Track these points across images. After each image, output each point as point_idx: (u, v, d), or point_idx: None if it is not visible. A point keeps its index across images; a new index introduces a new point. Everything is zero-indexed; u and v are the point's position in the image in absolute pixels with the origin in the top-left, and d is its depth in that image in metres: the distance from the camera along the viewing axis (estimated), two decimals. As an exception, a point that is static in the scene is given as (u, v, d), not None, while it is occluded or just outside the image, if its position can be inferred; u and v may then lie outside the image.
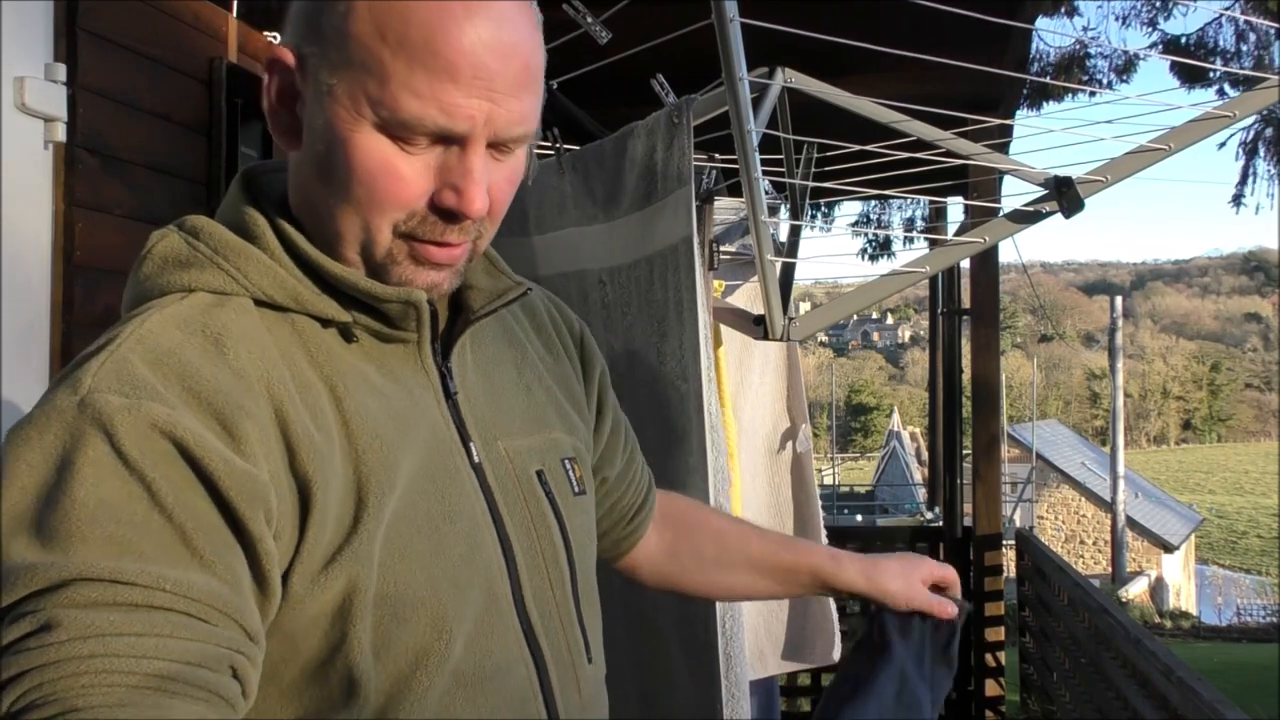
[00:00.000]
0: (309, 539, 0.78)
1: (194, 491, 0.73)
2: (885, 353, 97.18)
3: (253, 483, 0.75)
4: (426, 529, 0.84)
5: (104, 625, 0.67)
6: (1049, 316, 77.77)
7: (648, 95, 2.26)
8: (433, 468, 0.87)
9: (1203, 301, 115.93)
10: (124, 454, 0.71)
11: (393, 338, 0.88)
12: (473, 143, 0.82)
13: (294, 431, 0.78)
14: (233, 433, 0.75)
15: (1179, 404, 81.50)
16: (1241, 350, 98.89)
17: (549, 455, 0.99)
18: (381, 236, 0.83)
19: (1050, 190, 2.07)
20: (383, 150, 0.81)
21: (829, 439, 43.06)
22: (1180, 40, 7.72)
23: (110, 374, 0.74)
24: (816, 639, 2.76)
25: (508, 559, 0.91)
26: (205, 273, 0.84)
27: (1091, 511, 29.54)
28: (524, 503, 0.94)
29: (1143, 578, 23.44)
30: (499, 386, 0.98)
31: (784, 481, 2.80)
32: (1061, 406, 71.62)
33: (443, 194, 0.82)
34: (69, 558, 0.68)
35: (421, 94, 0.79)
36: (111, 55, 2.13)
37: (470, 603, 0.86)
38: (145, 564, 0.70)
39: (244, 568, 0.74)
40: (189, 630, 0.70)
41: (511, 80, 0.81)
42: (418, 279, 0.85)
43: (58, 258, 1.99)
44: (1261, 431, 79.98)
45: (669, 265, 2.08)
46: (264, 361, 0.80)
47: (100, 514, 0.70)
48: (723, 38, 1.88)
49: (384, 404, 0.86)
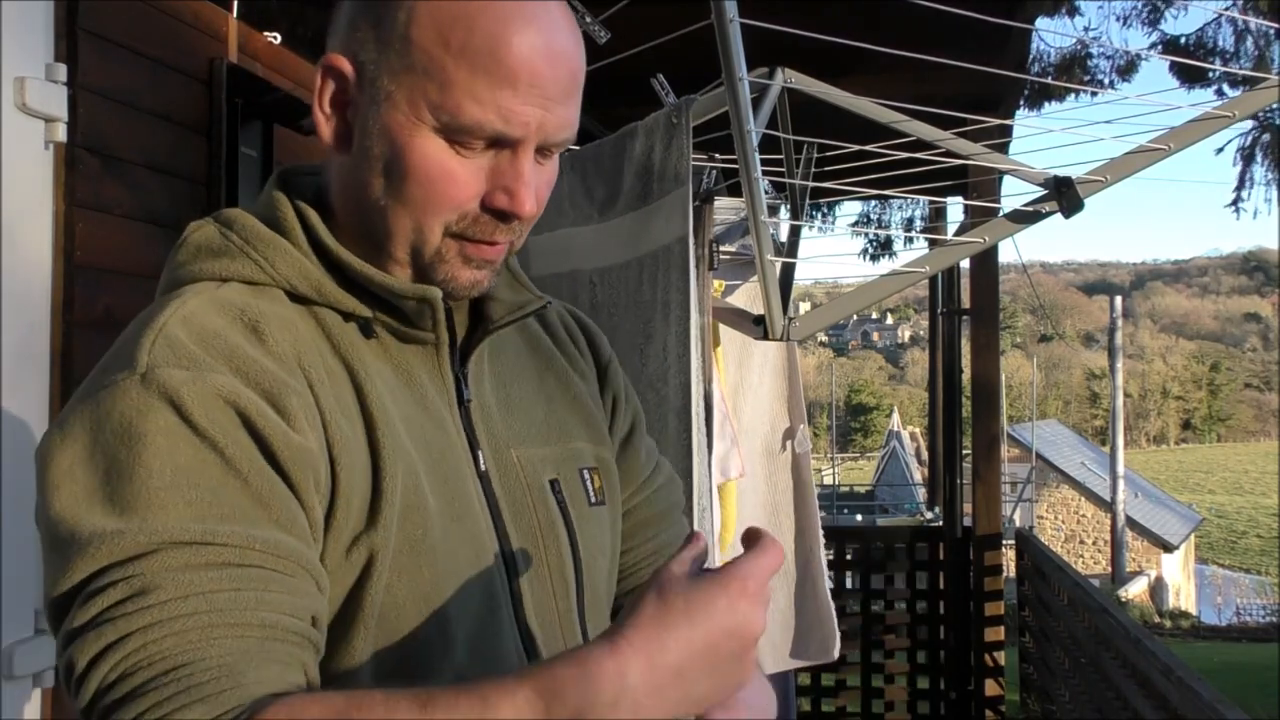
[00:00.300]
0: (337, 519, 0.80)
1: (260, 457, 0.76)
2: (885, 353, 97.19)
3: (307, 454, 0.78)
4: (437, 528, 0.85)
5: (203, 583, 0.70)
6: (1049, 316, 77.78)
7: (648, 95, 2.26)
8: (443, 469, 0.88)
9: (1202, 301, 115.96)
10: (194, 422, 0.74)
11: (411, 337, 0.90)
12: (524, 147, 0.85)
13: (326, 415, 0.81)
14: (282, 408, 0.78)
15: (1179, 404, 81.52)
16: (1241, 350, 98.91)
17: (566, 464, 0.99)
18: (433, 236, 0.86)
19: (1050, 190, 2.07)
20: (440, 154, 0.84)
21: (829, 439, 43.06)
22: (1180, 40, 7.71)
23: (165, 350, 0.77)
24: (812, 636, 2.76)
25: (509, 568, 0.91)
26: (236, 261, 0.86)
27: (1091, 511, 29.54)
28: (532, 511, 0.94)
29: (1142, 577, 23.43)
30: (517, 395, 0.99)
31: (783, 482, 2.80)
32: (1061, 406, 71.62)
33: (495, 196, 0.85)
34: (151, 523, 0.70)
35: (482, 100, 0.82)
36: (112, 55, 2.13)
37: (473, 606, 0.87)
38: (231, 525, 0.72)
39: (309, 529, 0.78)
40: (281, 585, 0.73)
41: (562, 87, 0.85)
42: (462, 276, 0.88)
43: (58, 258, 1.99)
44: (1261, 431, 80.00)
45: (660, 266, 2.08)
46: (298, 348, 0.83)
47: (179, 480, 0.72)
48: (723, 38, 1.88)
49: (397, 402, 0.87)
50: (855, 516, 23.14)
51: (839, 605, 5.31)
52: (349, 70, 0.86)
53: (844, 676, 5.25)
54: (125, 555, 0.69)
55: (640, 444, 1.12)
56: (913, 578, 5.27)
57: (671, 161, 2.07)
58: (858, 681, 5.24)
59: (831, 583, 5.41)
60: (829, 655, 2.75)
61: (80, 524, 0.71)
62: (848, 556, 5.35)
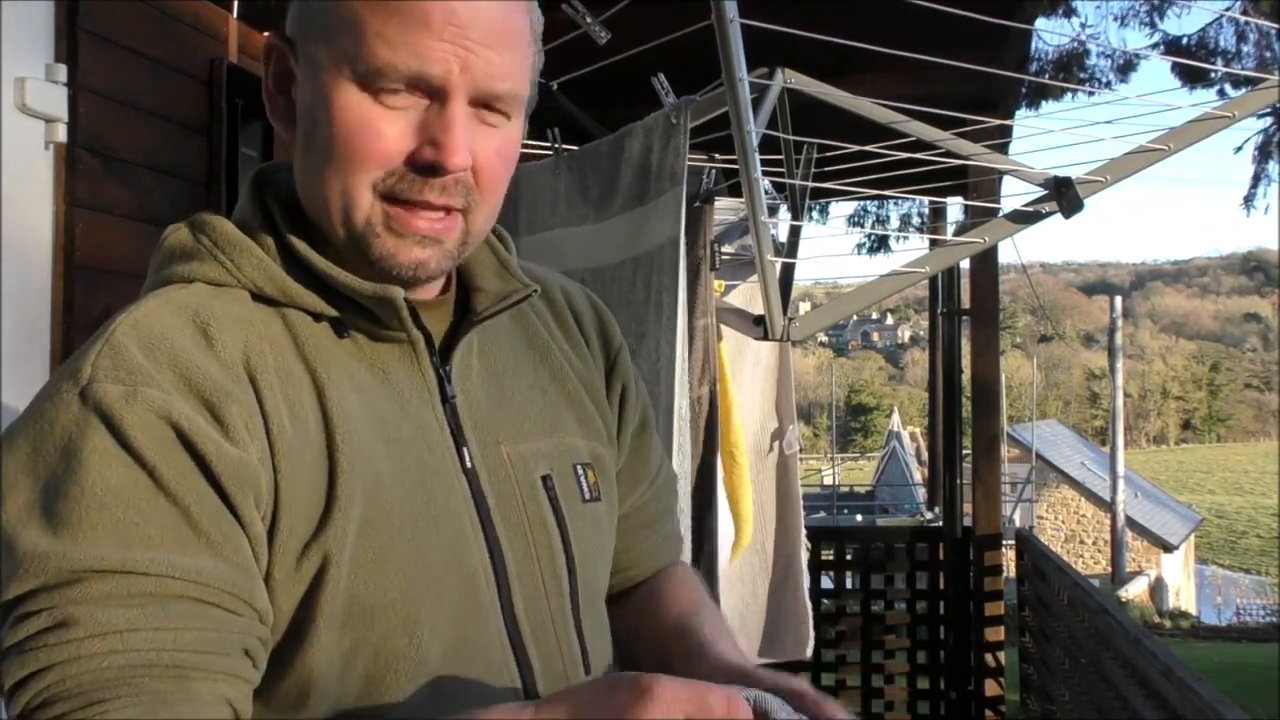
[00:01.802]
0: (281, 528, 0.79)
1: (195, 475, 0.75)
2: (885, 353, 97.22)
3: (244, 467, 0.76)
4: (406, 531, 0.83)
5: (120, 621, 0.70)
6: (1049, 316, 77.78)
7: (647, 95, 2.26)
8: (419, 470, 0.86)
9: (1202, 301, 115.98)
10: (126, 441, 0.73)
11: (384, 337, 0.88)
12: (452, 95, 0.81)
13: (270, 421, 0.80)
14: (221, 418, 0.77)
15: (1178, 404, 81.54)
16: (1241, 350, 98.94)
17: (559, 459, 0.96)
18: (360, 198, 0.83)
19: (1050, 190, 2.07)
20: (361, 106, 0.81)
21: (829, 439, 43.04)
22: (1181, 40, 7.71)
23: (107, 361, 0.77)
24: (788, 634, 2.77)
25: (496, 566, 0.89)
26: (204, 264, 0.86)
27: (1091, 511, 29.54)
28: (521, 509, 0.92)
29: (1142, 578, 23.42)
30: (510, 389, 0.97)
31: (769, 481, 2.81)
32: (1061, 406, 71.64)
33: (422, 149, 0.82)
34: (79, 546, 0.71)
35: (394, 42, 0.80)
36: (112, 55, 2.13)
37: (449, 608, 0.85)
38: (154, 551, 0.72)
39: (248, 548, 0.77)
40: (202, 619, 0.72)
41: (486, 30, 0.82)
42: (400, 254, 0.84)
43: (58, 258, 1.99)
44: (1261, 431, 80.00)
45: (654, 266, 2.08)
46: (248, 351, 0.82)
47: (108, 500, 0.72)
48: (723, 38, 1.88)
49: (366, 402, 0.85)
50: (855, 517, 23.14)
51: (839, 605, 5.35)
52: (285, 47, 0.87)
53: (844, 676, 5.25)
54: (50, 581, 0.70)
55: (653, 437, 1.10)
56: (913, 578, 5.27)
57: (669, 161, 2.07)
58: (858, 681, 5.24)
59: (831, 582, 5.44)
60: (802, 653, 2.78)
61: (17, 538, 0.72)
62: (848, 556, 5.35)
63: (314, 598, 0.79)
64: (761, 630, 2.76)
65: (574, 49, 2.15)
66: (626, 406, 1.06)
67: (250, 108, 2.54)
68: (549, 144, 2.53)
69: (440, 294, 0.94)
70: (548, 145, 2.53)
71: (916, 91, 2.70)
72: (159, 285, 0.86)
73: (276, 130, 0.91)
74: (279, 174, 0.93)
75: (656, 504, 1.11)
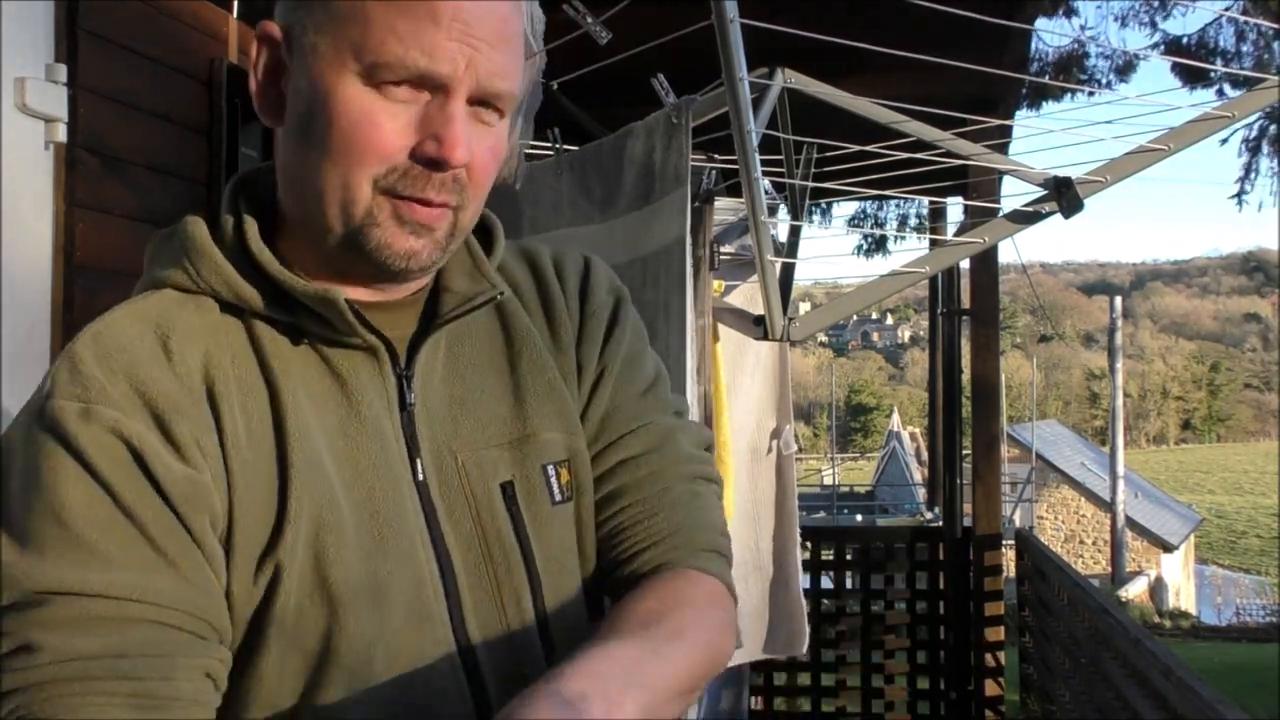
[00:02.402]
0: (237, 542, 0.79)
1: (150, 494, 0.76)
2: (885, 353, 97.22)
3: (194, 486, 0.77)
4: (353, 543, 0.83)
5: (82, 647, 0.72)
6: (1049, 316, 77.79)
7: (648, 95, 2.26)
8: (370, 481, 0.85)
9: (1202, 301, 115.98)
10: (83, 459, 0.74)
11: (342, 342, 0.86)
12: (454, 92, 0.81)
13: (226, 435, 0.80)
14: (173, 436, 0.77)
15: (1178, 404, 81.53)
16: (1241, 350, 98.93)
17: (526, 462, 0.93)
18: (361, 193, 0.82)
19: (1050, 190, 2.07)
20: (364, 100, 0.80)
21: (829, 439, 43.03)
22: (1181, 40, 7.72)
23: (65, 375, 0.78)
24: (782, 631, 2.78)
25: (446, 579, 0.88)
26: (172, 270, 0.86)
27: (1091, 511, 29.54)
28: (473, 520, 0.90)
29: (1142, 578, 23.42)
30: (477, 389, 0.93)
31: (765, 481, 2.82)
32: (1061, 406, 71.64)
33: (424, 144, 0.81)
34: (42, 566, 0.72)
35: (404, 36, 0.79)
36: (112, 55, 2.13)
37: (395, 621, 0.84)
38: (114, 572, 0.73)
39: (207, 568, 0.77)
40: (160, 644, 0.74)
41: (490, 30, 0.82)
42: (396, 243, 0.83)
43: (58, 258, 1.99)
44: (1261, 431, 80.00)
45: (661, 267, 2.08)
46: (208, 363, 0.82)
47: (65, 518, 0.73)
48: (723, 38, 1.88)
49: (321, 412, 0.85)
50: (855, 516, 23.15)
51: (839, 605, 5.35)
52: (278, 35, 0.85)
53: (844, 676, 5.25)
54: (17, 599, 0.72)
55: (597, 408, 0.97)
56: (913, 578, 5.27)
57: (672, 162, 2.07)
58: (858, 681, 5.24)
59: (831, 582, 5.44)
60: (796, 649, 2.78)
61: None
62: (848, 556, 5.35)
63: (267, 609, 0.80)
64: (756, 628, 2.76)
65: (574, 49, 2.15)
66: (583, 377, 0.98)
67: (250, 108, 2.54)
68: (550, 144, 2.53)
69: (412, 293, 0.91)
70: (548, 145, 2.53)
71: (916, 91, 2.70)
72: (144, 288, 0.87)
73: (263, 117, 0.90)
74: (262, 176, 0.93)
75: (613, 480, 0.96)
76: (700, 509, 0.98)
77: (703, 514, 0.98)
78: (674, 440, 0.99)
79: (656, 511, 0.96)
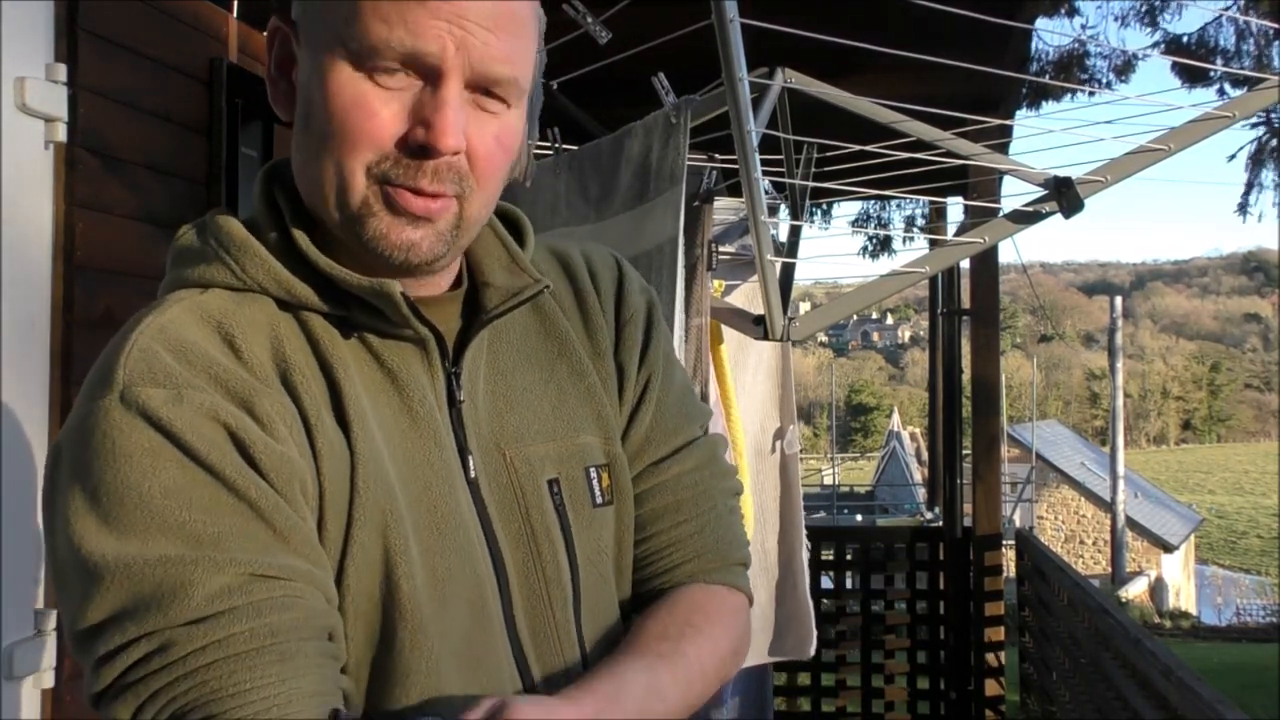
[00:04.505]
0: (328, 528, 0.79)
1: (252, 473, 0.75)
2: (885, 353, 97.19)
3: (292, 465, 0.77)
4: (414, 538, 0.82)
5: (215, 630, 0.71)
6: (1049, 316, 77.78)
7: (647, 95, 2.26)
8: (426, 477, 0.85)
9: (1202, 302, 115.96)
10: (180, 442, 0.73)
11: (394, 335, 0.86)
12: (447, 76, 0.79)
13: (311, 422, 0.80)
14: (261, 419, 0.77)
15: (1179, 404, 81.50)
16: (1241, 350, 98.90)
17: (570, 462, 0.93)
18: (355, 180, 0.81)
19: (1050, 190, 2.07)
20: (356, 85, 0.80)
21: (829, 439, 43.03)
22: (1181, 40, 7.71)
23: (142, 366, 0.76)
24: (789, 633, 2.77)
25: (499, 575, 0.88)
26: (213, 267, 0.85)
27: (1091, 511, 29.54)
28: (523, 517, 0.90)
29: (1142, 578, 23.42)
30: (520, 388, 0.93)
31: (770, 482, 2.81)
32: (1061, 406, 71.62)
33: (414, 130, 0.80)
34: (150, 549, 0.71)
35: (389, 18, 0.78)
36: (112, 55, 2.13)
37: (459, 617, 0.84)
38: (225, 550, 0.72)
39: (315, 539, 0.77)
40: (291, 609, 0.74)
41: (485, 11, 0.79)
42: (393, 234, 0.81)
43: (58, 258, 1.99)
44: (1261, 431, 79.99)
45: (653, 266, 2.08)
46: (276, 356, 0.82)
47: (169, 503, 0.72)
48: (723, 38, 1.88)
49: (377, 406, 0.85)
50: (855, 516, 23.16)
51: (839, 605, 5.35)
52: (286, 29, 0.85)
53: (844, 676, 5.25)
54: (135, 596, 0.71)
55: (645, 416, 0.99)
56: (913, 578, 5.27)
57: (668, 161, 2.07)
58: (858, 681, 5.24)
59: (831, 582, 5.44)
60: (804, 653, 2.77)
61: (83, 550, 0.72)
62: (848, 556, 5.35)
63: (342, 599, 0.80)
64: (763, 630, 2.76)
65: (574, 49, 2.15)
66: (625, 385, 0.99)
67: (250, 107, 2.54)
68: (549, 144, 2.53)
69: (450, 290, 0.91)
70: (548, 145, 2.53)
71: (916, 91, 2.70)
72: (174, 286, 0.86)
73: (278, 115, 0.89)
74: (289, 168, 0.91)
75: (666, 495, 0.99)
76: (735, 523, 1.02)
77: (737, 528, 1.02)
78: (718, 456, 1.03)
79: (703, 527, 0.99)
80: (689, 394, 1.05)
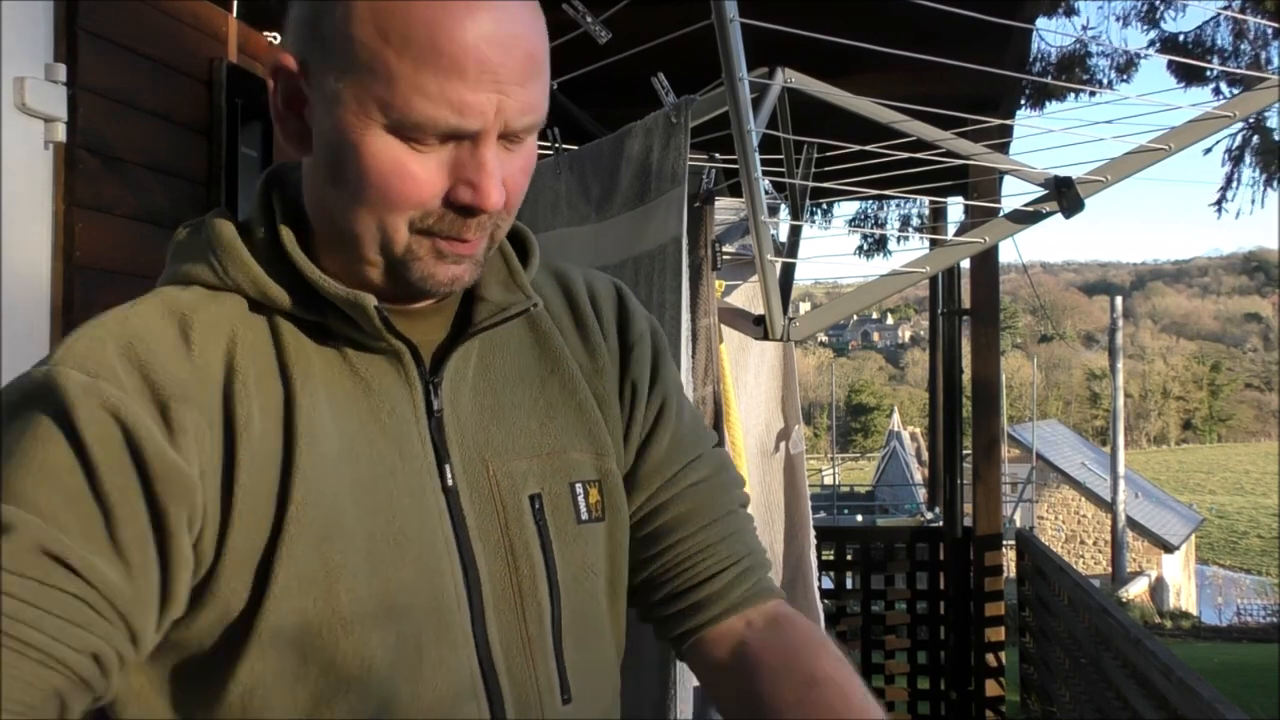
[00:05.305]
0: (235, 539, 0.79)
1: (132, 482, 0.76)
2: (885, 353, 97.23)
3: (182, 478, 0.77)
4: (363, 550, 0.82)
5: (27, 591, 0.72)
6: (1049, 316, 77.78)
7: (647, 95, 2.26)
8: (387, 486, 0.85)
9: (1203, 301, 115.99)
10: (74, 429, 0.75)
11: (369, 345, 0.86)
12: (485, 137, 0.80)
13: (239, 432, 0.80)
14: (173, 426, 0.78)
15: (1179, 404, 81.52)
16: (1241, 350, 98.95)
17: (554, 478, 0.93)
18: (399, 235, 0.82)
19: (1050, 190, 2.07)
20: (393, 151, 0.80)
21: (829, 439, 43.05)
22: (1179, 39, 7.72)
23: (82, 350, 0.79)
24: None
25: (470, 588, 0.87)
26: (198, 265, 0.86)
27: (1091, 511, 29.55)
28: (502, 529, 0.89)
29: (1143, 578, 23.44)
30: (509, 402, 0.93)
31: (776, 482, 2.80)
32: (1061, 406, 71.66)
33: (458, 190, 0.81)
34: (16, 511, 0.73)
35: (431, 94, 0.77)
36: (111, 55, 2.13)
37: (410, 630, 0.84)
38: (66, 540, 0.74)
39: (155, 563, 0.77)
40: (68, 611, 0.74)
41: (516, 70, 0.80)
42: (439, 273, 0.84)
43: (58, 258, 1.99)
44: (1261, 431, 80.00)
45: (656, 266, 2.08)
46: (228, 358, 0.82)
47: (40, 478, 0.74)
48: (723, 38, 1.88)
49: (340, 415, 0.85)
50: (855, 516, 23.14)
51: (839, 605, 5.34)
52: (294, 67, 0.84)
53: (844, 676, 5.25)
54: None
55: (663, 436, 1.01)
56: (913, 578, 5.27)
57: (669, 161, 2.07)
58: (858, 681, 5.24)
59: (831, 582, 5.44)
60: None
61: None
62: (848, 556, 5.35)
63: (259, 613, 0.79)
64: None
65: (574, 49, 2.15)
66: (637, 407, 1.00)
67: (250, 108, 2.54)
68: (549, 144, 2.53)
69: (438, 300, 0.91)
70: (548, 145, 2.53)
71: (916, 91, 2.70)
72: (165, 281, 0.88)
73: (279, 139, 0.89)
74: (291, 174, 0.92)
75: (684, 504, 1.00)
76: (752, 531, 1.06)
77: (755, 536, 1.06)
78: (730, 465, 1.07)
79: (724, 536, 1.02)
80: (699, 417, 1.08)
